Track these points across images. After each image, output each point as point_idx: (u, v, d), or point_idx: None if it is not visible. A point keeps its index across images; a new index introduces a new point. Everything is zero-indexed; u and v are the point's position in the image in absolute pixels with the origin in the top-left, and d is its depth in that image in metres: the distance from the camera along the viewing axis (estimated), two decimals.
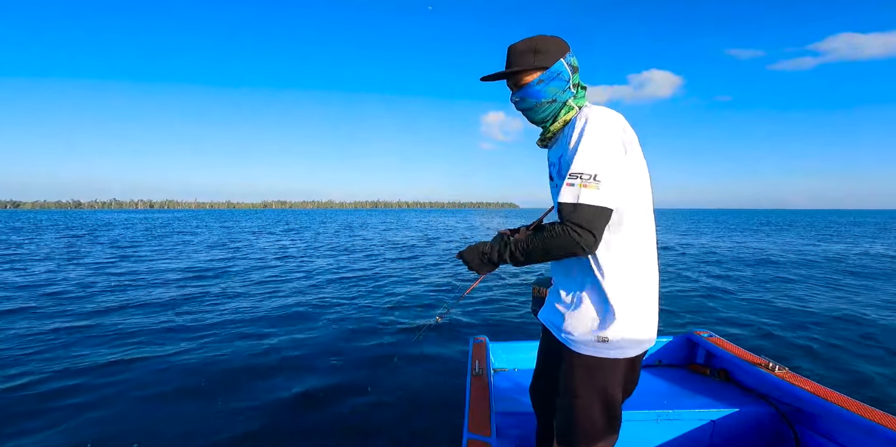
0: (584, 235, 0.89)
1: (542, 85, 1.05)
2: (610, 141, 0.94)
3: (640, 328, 1.03)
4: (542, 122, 1.11)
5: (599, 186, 0.90)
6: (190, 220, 25.75)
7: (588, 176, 0.90)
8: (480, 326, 4.16)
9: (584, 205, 0.89)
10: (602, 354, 1.02)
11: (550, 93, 1.05)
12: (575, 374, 1.06)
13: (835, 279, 6.94)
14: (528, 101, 1.07)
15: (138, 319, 4.29)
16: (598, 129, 0.94)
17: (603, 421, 1.06)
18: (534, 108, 1.08)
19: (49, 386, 2.73)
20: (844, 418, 1.35)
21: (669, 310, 4.82)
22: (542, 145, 1.16)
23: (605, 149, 0.93)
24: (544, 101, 1.06)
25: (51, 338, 3.67)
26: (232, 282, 6.38)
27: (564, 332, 1.07)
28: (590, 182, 0.90)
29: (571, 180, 0.92)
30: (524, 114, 1.12)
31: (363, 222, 26.62)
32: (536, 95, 1.06)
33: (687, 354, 2.15)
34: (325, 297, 5.34)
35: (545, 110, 1.08)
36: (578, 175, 0.91)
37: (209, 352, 3.37)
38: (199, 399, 2.59)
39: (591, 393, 1.04)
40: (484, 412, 1.38)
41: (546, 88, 1.05)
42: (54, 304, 4.90)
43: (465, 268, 1.33)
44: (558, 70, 1.05)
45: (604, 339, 1.01)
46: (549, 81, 1.04)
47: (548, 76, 1.04)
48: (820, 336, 3.86)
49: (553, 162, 1.12)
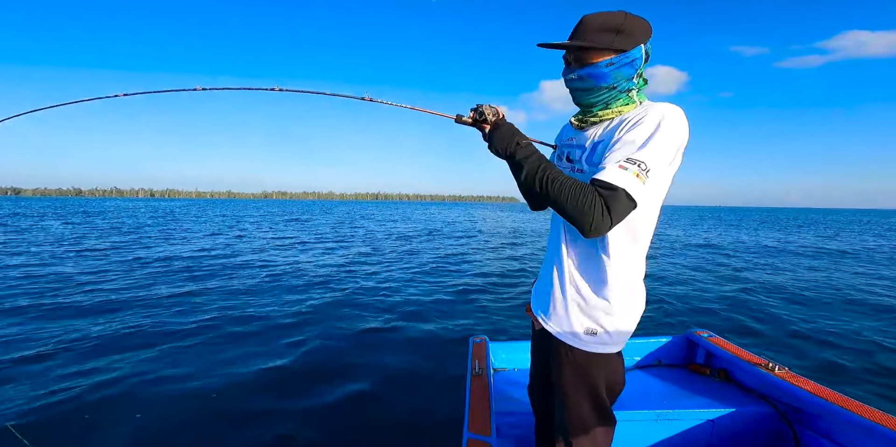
0: (605, 219, 0.84)
1: (611, 68, 0.95)
2: (675, 145, 0.89)
3: (631, 322, 1.03)
4: (589, 105, 1.03)
5: (646, 182, 0.85)
6: (210, 209, 25.57)
7: (645, 167, 0.85)
8: (480, 326, 4.16)
9: (626, 192, 0.84)
10: (592, 349, 1.02)
11: (615, 78, 0.96)
12: (564, 369, 1.05)
13: (835, 278, 6.94)
14: (589, 81, 0.97)
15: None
16: (674, 129, 0.89)
17: (595, 416, 1.06)
18: (591, 89, 0.99)
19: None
20: (844, 418, 1.35)
21: (669, 309, 4.82)
22: (579, 126, 1.07)
23: (669, 150, 0.89)
24: (605, 86, 0.97)
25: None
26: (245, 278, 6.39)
27: (555, 326, 1.06)
28: (643, 174, 0.85)
29: (628, 165, 0.85)
30: (574, 92, 1.03)
31: (368, 214, 26.47)
32: (600, 78, 0.96)
33: (687, 354, 2.15)
34: (324, 293, 5.34)
35: (600, 95, 0.99)
36: (638, 162, 0.85)
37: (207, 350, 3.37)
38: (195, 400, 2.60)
39: (582, 388, 1.04)
40: (484, 412, 1.38)
41: (614, 73, 0.95)
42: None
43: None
44: (634, 56, 0.95)
45: (595, 333, 1.01)
46: (620, 66, 0.95)
47: (620, 60, 0.94)
48: (820, 336, 3.87)
49: (581, 145, 1.05)
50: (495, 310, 4.78)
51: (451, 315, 4.54)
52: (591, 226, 0.85)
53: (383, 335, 3.82)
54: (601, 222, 0.84)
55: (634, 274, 1.02)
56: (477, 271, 7.41)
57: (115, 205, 55.91)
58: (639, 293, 1.04)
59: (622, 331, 1.02)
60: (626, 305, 1.02)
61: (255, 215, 30.28)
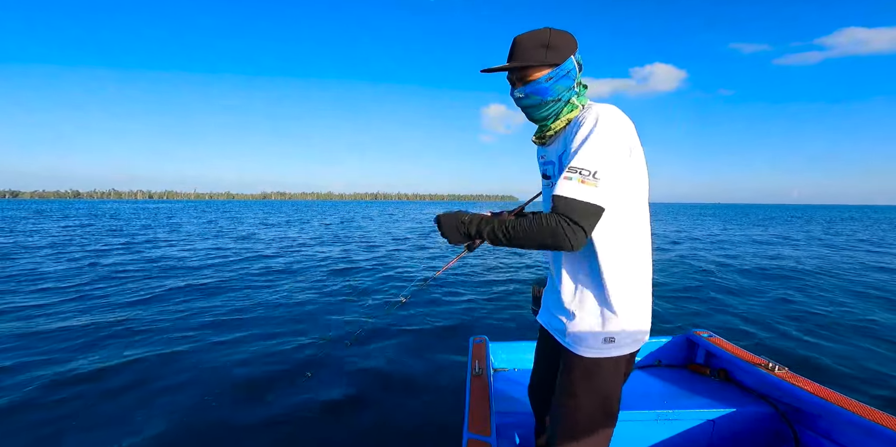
0: (575, 231, 0.86)
1: (550, 82, 1.01)
2: (616, 141, 0.92)
3: (641, 324, 1.03)
4: (542, 120, 1.08)
5: (598, 184, 0.88)
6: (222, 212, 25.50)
7: (588, 172, 0.88)
8: (480, 326, 4.16)
9: (580, 200, 0.87)
10: (606, 354, 1.02)
11: (557, 91, 1.01)
12: (578, 377, 1.05)
13: (836, 278, 6.94)
14: (534, 98, 1.03)
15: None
16: (607, 128, 0.92)
17: (603, 420, 1.06)
18: (538, 105, 1.04)
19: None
20: (844, 418, 1.35)
21: (670, 309, 4.82)
22: (540, 143, 1.13)
23: (610, 148, 0.91)
24: (550, 100, 1.03)
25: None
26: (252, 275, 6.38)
27: (567, 335, 1.06)
28: (588, 178, 0.88)
29: (570, 174, 0.89)
30: (525, 110, 1.09)
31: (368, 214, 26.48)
32: (543, 93, 1.02)
33: (687, 354, 2.15)
34: (322, 291, 5.33)
35: (549, 109, 1.04)
36: (579, 170, 0.89)
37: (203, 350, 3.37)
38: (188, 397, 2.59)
39: (594, 395, 1.04)
40: (484, 412, 1.38)
41: (554, 86, 1.01)
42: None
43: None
44: (568, 68, 1.01)
45: (610, 340, 1.01)
46: (558, 79, 1.01)
47: (557, 74, 1.00)
48: (821, 336, 3.86)
49: (551, 160, 1.10)
50: (496, 310, 4.78)
51: (451, 315, 4.53)
52: (569, 244, 0.87)
53: (383, 335, 3.82)
54: (574, 236, 0.86)
55: (641, 273, 1.02)
56: (477, 271, 7.41)
57: (135, 207, 55.72)
58: (645, 293, 1.04)
59: (638, 331, 1.03)
60: (637, 306, 1.02)
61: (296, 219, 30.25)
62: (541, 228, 0.89)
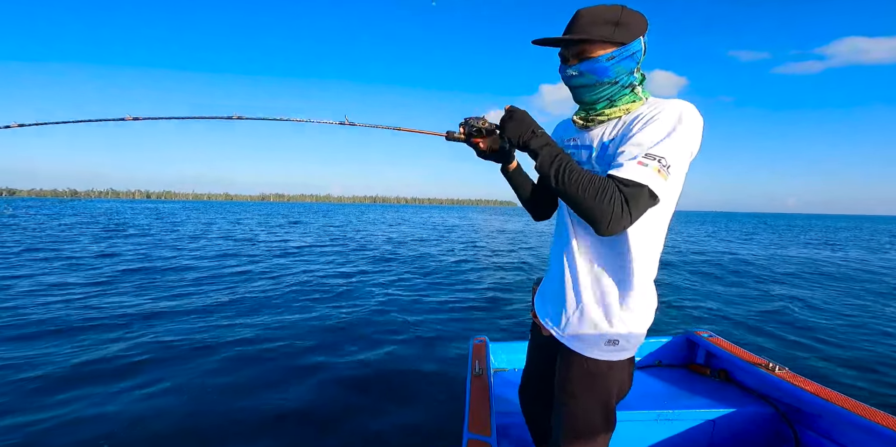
0: (624, 215, 0.80)
1: (612, 62, 0.91)
2: (692, 142, 0.86)
3: (647, 325, 1.01)
4: (591, 103, 0.98)
5: (668, 178, 0.82)
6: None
7: (666, 164, 0.82)
8: (480, 326, 4.16)
9: (648, 188, 0.81)
10: (609, 357, 0.99)
11: (617, 72, 0.92)
12: (579, 377, 1.02)
13: (837, 281, 6.94)
14: (590, 77, 0.93)
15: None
16: (692, 126, 0.86)
17: (603, 423, 1.04)
18: (593, 85, 0.94)
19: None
20: (844, 418, 1.34)
21: (670, 309, 4.82)
22: (583, 125, 1.02)
23: (687, 148, 0.85)
24: (607, 81, 0.93)
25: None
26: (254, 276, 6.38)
27: (567, 334, 1.02)
28: (664, 170, 0.81)
29: (647, 161, 0.81)
30: (575, 90, 0.98)
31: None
32: (602, 73, 0.92)
33: (687, 354, 2.15)
34: (324, 292, 5.33)
35: (603, 91, 0.95)
36: (658, 158, 0.82)
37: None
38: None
39: (594, 398, 1.01)
40: (484, 412, 1.38)
41: (615, 67, 0.91)
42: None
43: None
44: (635, 49, 0.92)
45: (614, 342, 0.97)
46: (621, 60, 0.91)
47: (621, 53, 0.91)
48: (822, 336, 3.86)
49: (587, 145, 1.01)
50: (496, 310, 4.78)
51: (451, 315, 4.53)
52: (608, 224, 0.81)
53: (383, 335, 3.82)
54: (620, 219, 0.81)
55: (651, 275, 0.99)
56: (477, 270, 7.41)
57: (144, 207, 55.67)
58: (653, 294, 1.01)
59: (641, 334, 1.00)
60: (645, 309, 0.99)
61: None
62: (595, 192, 0.81)
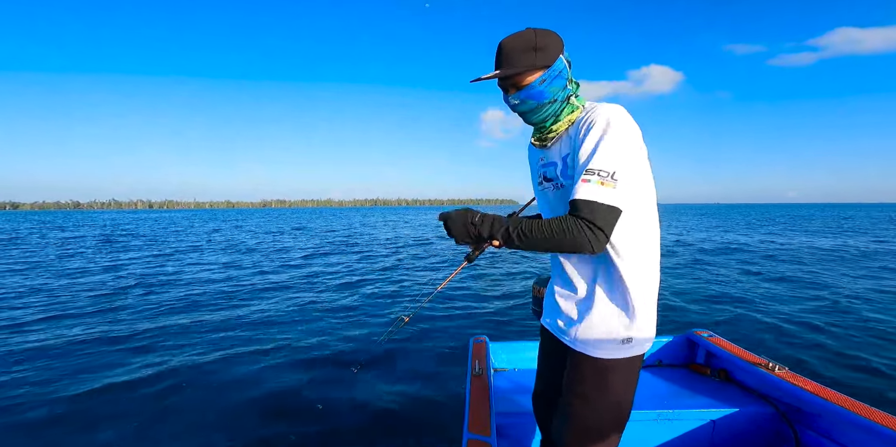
0: (597, 234, 0.85)
1: (544, 85, 0.97)
2: (630, 142, 0.90)
3: (653, 324, 1.02)
4: (541, 122, 1.05)
5: (616, 186, 0.86)
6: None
7: (606, 173, 0.86)
8: (480, 326, 4.16)
9: (601, 203, 0.85)
10: (622, 355, 0.99)
11: (552, 92, 0.99)
12: (587, 378, 1.02)
13: (837, 277, 6.93)
14: (530, 102, 1.00)
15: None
16: (621, 128, 0.90)
17: (615, 423, 1.03)
18: (535, 109, 1.02)
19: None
20: (844, 418, 1.34)
21: (670, 308, 4.81)
22: (541, 145, 1.09)
23: (625, 149, 0.89)
24: (546, 102, 1.00)
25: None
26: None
27: (577, 337, 1.03)
28: (607, 180, 0.86)
29: (588, 176, 0.87)
30: (523, 115, 1.06)
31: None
32: (539, 96, 0.99)
33: (687, 354, 2.15)
34: (325, 296, 5.34)
35: (546, 111, 1.02)
36: (597, 171, 0.86)
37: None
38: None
39: (605, 399, 1.01)
40: (484, 412, 1.38)
41: (549, 88, 0.98)
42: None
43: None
44: (559, 68, 0.98)
45: (627, 340, 0.99)
46: (552, 81, 0.98)
47: (550, 75, 0.97)
48: (822, 336, 3.86)
49: (552, 162, 1.06)
50: (496, 310, 4.78)
51: (451, 315, 4.53)
52: (591, 248, 0.86)
53: (383, 336, 3.81)
54: (595, 239, 0.85)
55: (652, 273, 1.02)
56: (477, 271, 7.41)
57: (153, 217, 55.75)
58: (656, 291, 1.04)
59: (649, 332, 1.01)
60: (649, 306, 1.01)
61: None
62: (561, 231, 0.86)
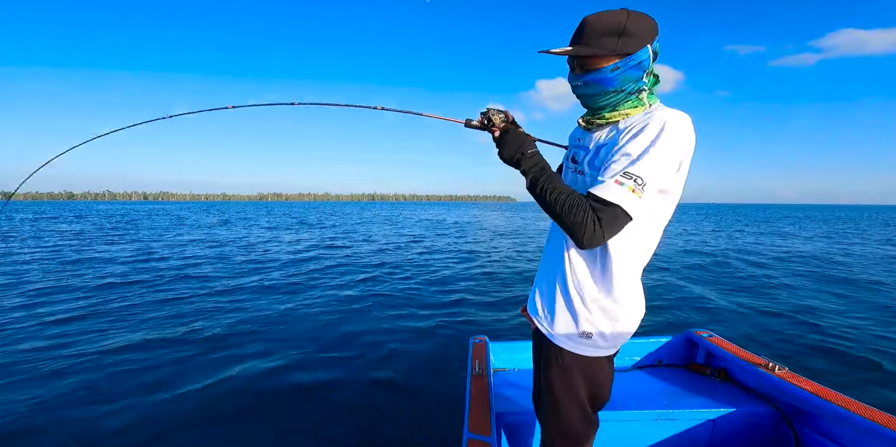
0: (596, 232, 0.85)
1: (616, 73, 0.90)
2: (674, 155, 0.87)
3: (629, 328, 1.01)
4: (598, 109, 0.99)
5: (643, 196, 0.85)
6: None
7: (642, 181, 0.84)
8: (480, 326, 4.16)
9: (620, 208, 0.84)
10: (584, 352, 1.00)
11: (622, 82, 0.92)
12: (553, 371, 1.04)
13: (837, 276, 6.94)
14: (595, 87, 0.94)
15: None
16: (672, 140, 0.85)
17: (581, 423, 1.04)
18: (598, 95, 0.95)
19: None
20: (844, 418, 1.34)
21: (670, 308, 4.82)
22: (586, 128, 1.04)
23: (667, 162, 0.86)
24: (612, 90, 0.93)
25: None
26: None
27: (550, 327, 1.05)
28: (639, 189, 0.84)
29: (624, 180, 0.84)
30: (581, 98, 1.00)
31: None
32: (607, 83, 0.92)
33: (687, 354, 2.15)
34: (322, 294, 5.33)
35: (608, 99, 0.95)
36: (635, 177, 0.84)
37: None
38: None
39: (570, 394, 1.03)
40: (484, 412, 1.38)
41: (620, 77, 0.91)
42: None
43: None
44: (641, 58, 0.90)
45: (586, 335, 0.99)
46: (626, 70, 0.90)
47: (626, 64, 0.90)
48: (823, 336, 3.86)
49: (586, 146, 1.02)
50: (496, 310, 4.78)
51: (452, 315, 4.53)
52: (583, 239, 0.86)
53: (383, 336, 3.82)
54: (593, 236, 0.85)
55: (636, 280, 1.01)
56: (477, 271, 7.41)
57: (151, 208, 55.71)
58: (639, 299, 1.02)
59: (618, 335, 1.01)
60: (626, 311, 1.00)
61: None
62: (570, 213, 0.86)
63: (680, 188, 0.94)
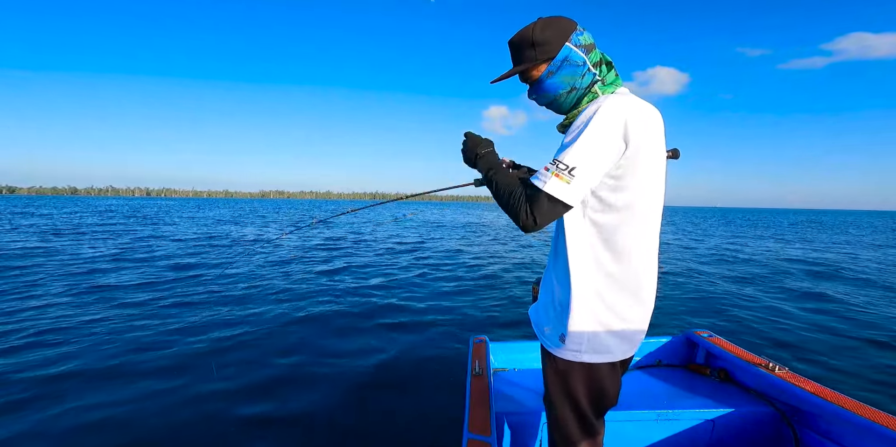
0: (529, 217, 0.88)
1: (551, 77, 0.96)
2: (607, 137, 0.85)
3: (610, 335, 0.97)
4: (567, 110, 1.02)
5: (572, 181, 0.85)
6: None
7: (565, 167, 0.86)
8: (480, 326, 4.16)
9: (546, 193, 0.87)
10: (565, 356, 1.00)
11: (565, 82, 0.96)
12: (550, 375, 1.05)
13: (838, 277, 6.94)
14: (545, 95, 1.00)
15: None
16: (602, 122, 0.86)
17: (576, 425, 1.04)
18: (554, 101, 1.01)
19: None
20: (844, 418, 1.34)
21: (670, 309, 4.82)
22: (561, 131, 1.06)
23: (599, 146, 0.85)
24: (562, 92, 0.98)
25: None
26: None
27: (537, 328, 1.08)
28: (564, 174, 0.86)
29: (550, 166, 0.88)
30: (548, 108, 1.05)
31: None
32: (551, 88, 0.98)
33: (687, 354, 2.15)
34: (321, 294, 5.33)
35: (569, 100, 0.99)
36: (557, 163, 0.87)
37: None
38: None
39: (563, 398, 1.03)
40: (484, 412, 1.38)
41: (558, 79, 0.96)
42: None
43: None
44: (565, 56, 0.94)
45: (561, 336, 1.00)
46: (558, 71, 0.95)
47: (554, 66, 0.95)
48: (822, 335, 3.86)
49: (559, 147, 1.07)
50: (496, 309, 4.78)
51: (451, 315, 4.53)
52: (520, 224, 0.90)
53: (383, 336, 3.82)
54: (527, 221, 0.88)
55: (612, 283, 0.95)
56: (477, 271, 7.41)
57: (145, 204, 55.70)
58: (622, 305, 0.96)
59: (595, 341, 0.96)
60: (594, 314, 0.96)
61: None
62: (510, 199, 0.92)
63: (642, 178, 0.91)
